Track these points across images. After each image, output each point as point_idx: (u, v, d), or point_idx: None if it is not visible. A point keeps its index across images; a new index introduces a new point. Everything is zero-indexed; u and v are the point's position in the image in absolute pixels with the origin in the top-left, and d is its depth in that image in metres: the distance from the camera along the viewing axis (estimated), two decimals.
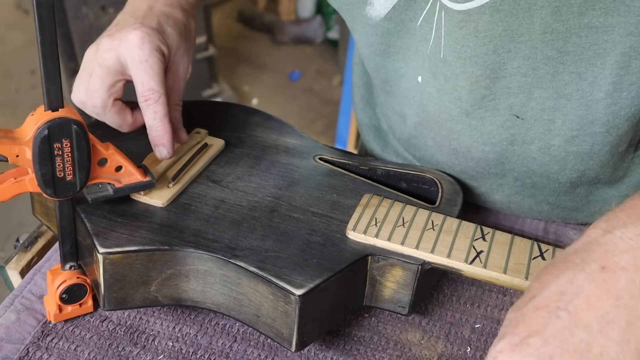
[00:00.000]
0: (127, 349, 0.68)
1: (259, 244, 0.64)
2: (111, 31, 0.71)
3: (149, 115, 0.69)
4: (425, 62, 0.74)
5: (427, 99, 0.75)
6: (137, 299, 0.65)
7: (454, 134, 0.76)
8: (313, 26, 3.26)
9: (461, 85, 0.71)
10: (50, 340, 0.68)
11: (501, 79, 0.69)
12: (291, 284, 0.60)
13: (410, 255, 0.65)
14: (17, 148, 0.59)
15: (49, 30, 0.56)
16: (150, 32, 0.69)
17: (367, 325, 0.71)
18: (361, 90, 0.97)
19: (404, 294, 0.66)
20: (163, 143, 0.70)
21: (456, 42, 0.68)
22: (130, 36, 0.68)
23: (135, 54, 0.68)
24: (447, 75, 0.71)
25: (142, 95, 0.68)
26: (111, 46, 0.68)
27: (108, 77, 0.68)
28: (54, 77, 0.58)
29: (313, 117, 2.80)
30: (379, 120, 0.95)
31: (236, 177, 0.74)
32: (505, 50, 0.67)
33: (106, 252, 0.62)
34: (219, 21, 3.29)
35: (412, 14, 0.72)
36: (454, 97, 0.72)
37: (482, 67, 0.69)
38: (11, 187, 0.61)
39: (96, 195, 0.65)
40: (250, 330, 0.70)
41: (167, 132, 0.70)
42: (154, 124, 0.69)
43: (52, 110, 0.59)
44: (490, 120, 0.73)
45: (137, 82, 0.68)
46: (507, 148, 0.75)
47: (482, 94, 0.71)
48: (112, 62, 0.68)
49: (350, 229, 0.67)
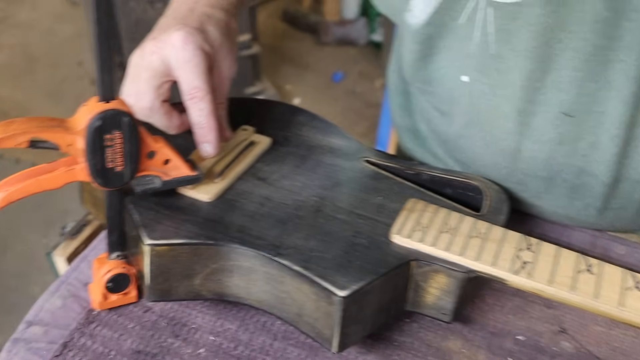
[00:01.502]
0: (168, 340, 0.68)
1: (303, 243, 0.64)
2: (154, 34, 0.72)
3: (194, 113, 0.69)
4: (470, 60, 0.73)
5: (477, 97, 0.75)
6: (180, 291, 0.66)
7: (504, 132, 0.76)
8: (357, 28, 3.26)
9: (513, 81, 0.71)
10: (94, 327, 0.69)
11: (552, 72, 0.69)
12: (335, 285, 0.60)
13: (454, 262, 0.65)
14: (69, 137, 0.60)
15: (104, 21, 0.56)
16: (192, 32, 0.69)
17: (408, 331, 0.70)
18: (399, 97, 0.97)
19: (447, 301, 0.66)
20: (208, 140, 0.70)
21: (509, 35, 0.68)
22: (173, 37, 0.68)
23: (179, 54, 0.68)
24: (499, 70, 0.71)
25: (188, 93, 0.69)
26: (155, 49, 0.69)
27: (154, 79, 0.69)
28: (108, 68, 0.58)
29: (355, 119, 2.80)
30: (417, 125, 0.95)
31: (282, 175, 0.73)
32: (557, 41, 0.67)
33: (152, 243, 0.62)
34: (263, 19, 3.30)
35: (454, 13, 0.72)
36: (507, 92, 0.72)
37: (534, 60, 0.68)
38: (62, 175, 0.62)
39: (144, 187, 0.66)
40: (291, 329, 0.70)
41: (212, 130, 0.70)
42: (200, 121, 0.70)
43: (105, 102, 0.60)
44: (541, 117, 0.73)
45: (182, 82, 0.69)
46: (556, 148, 0.74)
47: (535, 87, 0.71)
48: (157, 64, 0.69)
49: (395, 233, 0.66)
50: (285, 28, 3.41)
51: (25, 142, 0.58)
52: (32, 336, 0.69)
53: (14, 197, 0.61)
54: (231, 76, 0.75)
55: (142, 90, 0.69)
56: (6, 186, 0.61)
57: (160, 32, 0.71)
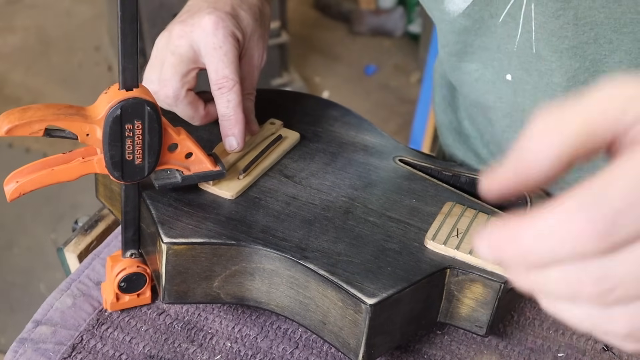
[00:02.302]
0: (183, 345, 0.69)
1: (330, 246, 0.65)
2: (183, 17, 0.72)
3: (222, 104, 0.70)
4: (512, 59, 0.73)
5: (521, 96, 0.75)
6: (198, 294, 0.66)
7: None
8: (394, 18, 3.25)
9: (556, 82, 0.70)
10: (105, 329, 0.70)
11: (600, 74, 0.68)
12: (363, 292, 0.60)
13: (492, 271, 0.64)
14: (88, 126, 0.60)
15: (130, 5, 0.57)
16: (224, 17, 0.69)
17: (440, 344, 0.71)
18: (443, 89, 0.96)
19: (483, 313, 0.66)
20: (234, 133, 0.71)
21: (552, 34, 0.68)
22: (204, 21, 0.69)
23: (208, 40, 0.69)
24: (541, 72, 0.70)
25: (216, 83, 0.69)
26: (183, 33, 0.70)
27: (181, 66, 0.70)
28: (131, 55, 0.59)
29: (387, 115, 2.80)
30: (460, 123, 0.94)
31: (310, 173, 0.74)
32: (607, 40, 0.66)
33: (170, 242, 0.63)
34: (293, 6, 3.31)
35: (493, 9, 0.71)
36: (548, 95, 0.72)
37: (581, 58, 0.67)
38: (78, 167, 0.63)
39: (164, 182, 0.66)
40: (314, 338, 0.70)
41: (239, 122, 0.70)
42: (227, 112, 0.70)
43: (127, 90, 0.60)
44: None
45: (211, 70, 0.69)
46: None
47: (579, 91, 0.70)
48: (184, 49, 0.69)
49: (430, 239, 0.66)
50: (316, 16, 3.42)
51: (41, 131, 0.59)
52: (39, 336, 0.70)
53: (26, 189, 0.62)
54: (261, 66, 0.76)
55: (166, 77, 0.70)
56: (19, 177, 0.62)
57: (189, 15, 0.71)
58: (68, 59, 2.99)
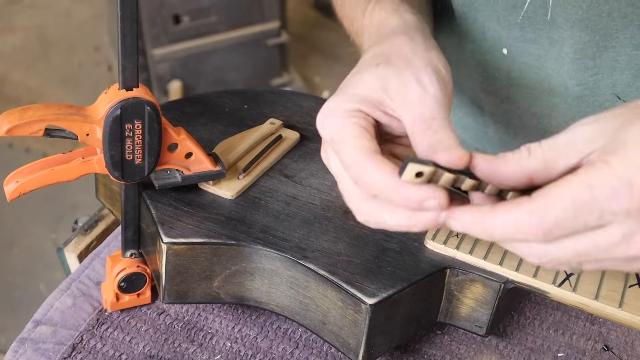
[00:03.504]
0: (183, 345, 0.69)
1: (330, 246, 0.65)
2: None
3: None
4: (512, 32, 0.72)
5: (518, 70, 0.74)
6: (198, 294, 0.66)
7: (546, 109, 0.75)
8: None
9: (566, 52, 0.69)
10: (105, 329, 0.70)
11: (610, 50, 0.67)
12: (363, 292, 0.60)
13: (492, 271, 0.64)
14: (88, 126, 0.61)
15: (130, 5, 0.57)
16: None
17: (439, 344, 0.71)
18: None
19: (483, 313, 0.66)
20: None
21: (567, 2, 0.66)
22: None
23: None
24: (552, 39, 0.69)
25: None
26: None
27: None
28: (131, 55, 0.59)
29: None
30: (460, 120, 0.94)
31: (310, 173, 0.74)
32: (621, 15, 0.65)
33: (170, 242, 0.63)
34: (293, 6, 3.31)
35: None
36: (557, 64, 0.71)
37: (592, 31, 0.67)
38: (78, 167, 0.63)
39: (164, 182, 0.67)
40: (314, 337, 0.70)
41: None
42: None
43: (127, 90, 0.60)
44: (588, 101, 0.71)
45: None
46: None
47: (586, 65, 0.69)
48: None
49: (430, 239, 0.66)
50: (316, 16, 3.42)
51: (41, 130, 0.59)
52: (39, 336, 0.70)
53: (26, 189, 0.62)
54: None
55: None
56: (19, 176, 0.62)
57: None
58: (68, 59, 2.99)
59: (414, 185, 0.49)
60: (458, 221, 0.49)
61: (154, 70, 2.39)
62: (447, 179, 0.50)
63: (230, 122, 0.79)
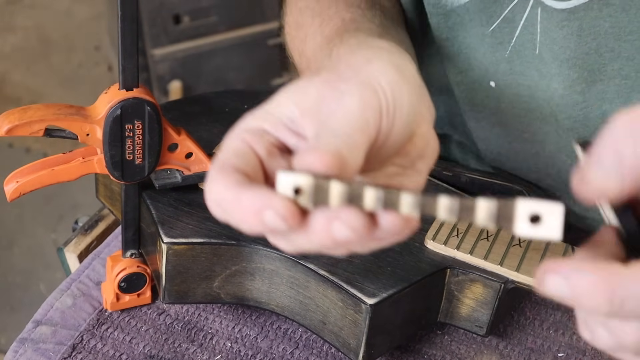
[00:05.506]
0: (183, 345, 0.69)
1: None
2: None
3: None
4: (500, 66, 0.72)
5: (508, 101, 0.74)
6: (198, 294, 0.66)
7: (539, 135, 0.75)
8: None
9: (555, 87, 0.70)
10: (105, 329, 0.70)
11: (598, 83, 0.68)
12: (363, 292, 0.60)
13: (493, 271, 0.65)
14: (88, 126, 0.61)
15: (130, 5, 0.57)
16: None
17: (440, 344, 0.71)
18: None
19: (483, 313, 0.66)
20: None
21: (554, 43, 0.67)
22: None
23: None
24: (542, 73, 0.70)
25: None
26: None
27: None
28: (131, 55, 0.59)
29: None
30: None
31: None
32: (609, 49, 0.65)
33: (171, 242, 0.63)
34: None
35: (494, 8, 0.70)
36: (547, 95, 0.71)
37: (580, 69, 0.67)
38: (79, 167, 0.63)
39: (164, 182, 0.67)
40: (314, 338, 0.70)
41: None
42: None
43: (127, 90, 0.61)
44: (579, 131, 0.71)
45: None
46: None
47: (575, 100, 0.69)
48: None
49: (430, 239, 0.66)
50: None
51: (41, 130, 0.59)
52: (39, 336, 0.70)
53: (26, 189, 0.62)
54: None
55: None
56: (19, 176, 0.62)
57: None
58: (68, 59, 2.99)
59: (252, 194, 0.39)
60: (568, 280, 0.35)
61: (154, 71, 2.39)
62: (338, 193, 0.38)
63: (230, 122, 0.78)
